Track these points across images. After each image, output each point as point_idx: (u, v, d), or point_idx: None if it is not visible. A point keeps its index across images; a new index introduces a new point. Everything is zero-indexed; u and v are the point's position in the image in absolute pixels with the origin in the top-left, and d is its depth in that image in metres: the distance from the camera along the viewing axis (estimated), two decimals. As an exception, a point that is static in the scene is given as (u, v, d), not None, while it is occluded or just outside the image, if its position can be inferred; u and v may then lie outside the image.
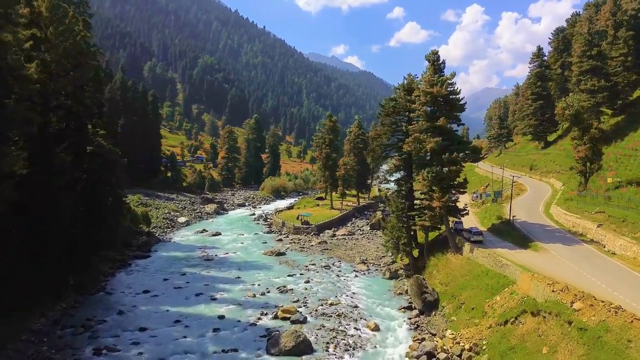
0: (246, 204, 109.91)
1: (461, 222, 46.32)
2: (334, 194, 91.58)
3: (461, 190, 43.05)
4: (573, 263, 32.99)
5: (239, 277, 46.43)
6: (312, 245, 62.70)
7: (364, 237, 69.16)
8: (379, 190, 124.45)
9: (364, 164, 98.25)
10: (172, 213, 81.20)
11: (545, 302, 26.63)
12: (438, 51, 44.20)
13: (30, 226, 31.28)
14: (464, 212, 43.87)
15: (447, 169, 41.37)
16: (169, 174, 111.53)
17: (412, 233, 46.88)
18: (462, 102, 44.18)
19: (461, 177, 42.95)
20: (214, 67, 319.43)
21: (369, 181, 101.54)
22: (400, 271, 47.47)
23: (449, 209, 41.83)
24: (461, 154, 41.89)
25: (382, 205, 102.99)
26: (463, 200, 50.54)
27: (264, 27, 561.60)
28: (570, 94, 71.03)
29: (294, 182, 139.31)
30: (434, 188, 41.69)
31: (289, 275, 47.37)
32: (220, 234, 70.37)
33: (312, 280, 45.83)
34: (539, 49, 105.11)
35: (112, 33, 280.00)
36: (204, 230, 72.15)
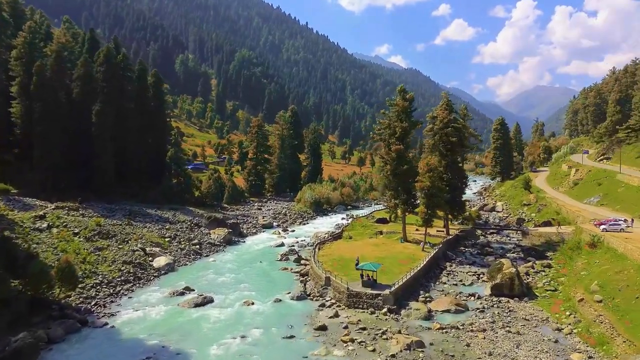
0: (274, 223, 77.64)
1: None
2: (407, 215, 56.97)
3: None
4: None
5: None
6: (392, 356, 28.25)
7: (492, 322, 33.48)
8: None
9: (455, 167, 62.44)
10: (147, 249, 49.77)
11: None
12: None
13: None
14: None
15: None
16: (174, 181, 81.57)
17: None
18: None
19: None
20: (251, 61, 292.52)
21: (463, 196, 64.46)
22: None
23: None
24: None
25: (481, 234, 66.41)
26: None
27: (306, 23, 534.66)
28: None
29: (339, 190, 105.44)
30: None
31: None
32: (212, 300, 37.80)
33: None
34: None
35: (143, 25, 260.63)
36: (186, 290, 39.95)
